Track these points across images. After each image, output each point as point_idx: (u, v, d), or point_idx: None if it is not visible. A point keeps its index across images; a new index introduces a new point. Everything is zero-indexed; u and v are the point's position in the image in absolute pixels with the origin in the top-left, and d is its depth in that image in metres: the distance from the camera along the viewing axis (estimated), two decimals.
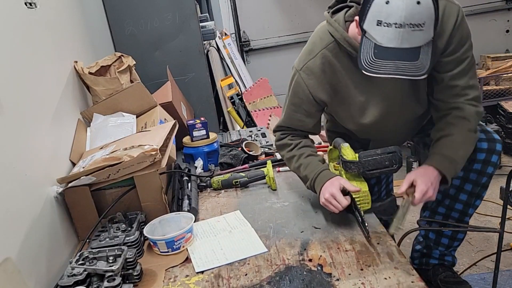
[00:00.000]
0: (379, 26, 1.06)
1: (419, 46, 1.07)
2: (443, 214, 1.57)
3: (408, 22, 1.03)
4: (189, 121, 2.01)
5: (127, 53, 2.47)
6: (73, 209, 1.49)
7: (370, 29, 1.09)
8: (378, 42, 1.09)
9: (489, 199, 2.72)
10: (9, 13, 1.36)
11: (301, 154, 1.42)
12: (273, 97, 3.18)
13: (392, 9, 1.03)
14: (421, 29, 1.05)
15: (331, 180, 1.32)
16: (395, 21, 1.04)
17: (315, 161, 1.39)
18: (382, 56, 1.09)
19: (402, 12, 1.02)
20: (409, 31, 1.04)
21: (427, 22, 1.05)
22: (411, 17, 1.03)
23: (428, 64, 1.09)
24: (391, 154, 1.36)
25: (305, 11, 4.08)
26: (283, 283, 1.13)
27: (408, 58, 1.08)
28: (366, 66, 1.12)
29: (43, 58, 1.54)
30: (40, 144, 1.40)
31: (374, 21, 1.07)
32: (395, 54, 1.08)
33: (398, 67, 1.08)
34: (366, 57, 1.11)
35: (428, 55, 1.09)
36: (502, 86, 3.47)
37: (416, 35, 1.05)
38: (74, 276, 1.13)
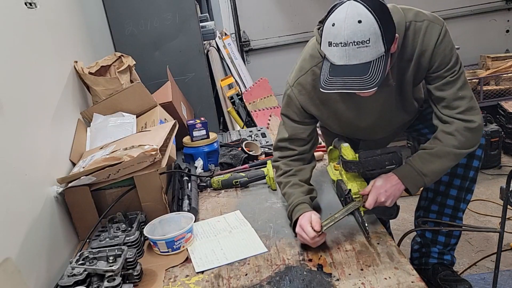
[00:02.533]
0: (330, 47, 1.15)
1: (368, 62, 1.13)
2: (436, 211, 1.60)
3: (351, 41, 1.10)
4: (189, 121, 2.01)
5: (127, 53, 2.47)
6: (73, 209, 1.49)
7: (325, 50, 1.18)
8: (331, 61, 1.17)
9: (489, 199, 2.72)
10: (9, 13, 1.36)
11: (287, 182, 1.43)
12: (273, 97, 3.18)
13: (337, 30, 1.11)
14: (367, 45, 1.11)
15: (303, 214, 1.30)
16: (340, 41, 1.11)
17: (297, 192, 1.39)
18: (334, 74, 1.16)
19: (344, 32, 1.10)
20: (354, 48, 1.11)
21: (372, 38, 1.10)
22: (353, 35, 1.10)
23: (379, 77, 1.13)
24: (391, 154, 1.36)
25: (305, 11, 4.08)
26: (283, 283, 1.13)
27: (356, 73, 1.14)
28: (323, 84, 1.19)
29: (43, 58, 1.54)
30: (40, 144, 1.40)
31: (326, 42, 1.16)
32: (345, 71, 1.14)
33: (346, 82, 1.14)
34: (324, 76, 1.19)
35: (380, 68, 1.14)
36: (502, 86, 3.47)
37: (362, 51, 1.11)
38: (74, 276, 1.13)
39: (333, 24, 1.12)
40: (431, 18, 1.29)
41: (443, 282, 1.59)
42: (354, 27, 1.09)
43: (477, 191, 2.84)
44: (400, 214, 1.42)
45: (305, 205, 1.34)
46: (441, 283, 1.59)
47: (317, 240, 1.23)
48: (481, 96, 3.40)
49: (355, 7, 1.10)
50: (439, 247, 1.66)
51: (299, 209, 1.33)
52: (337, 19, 1.12)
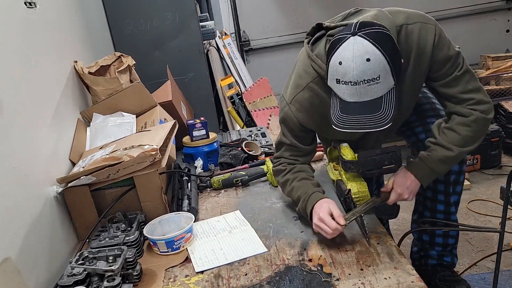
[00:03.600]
0: (339, 84, 1.13)
1: (380, 97, 1.12)
2: (429, 217, 1.61)
3: (361, 79, 1.09)
4: (189, 121, 2.01)
5: (127, 53, 2.47)
6: (73, 209, 1.49)
7: (333, 86, 1.16)
8: (342, 97, 1.15)
9: (489, 199, 2.72)
10: (9, 12, 1.35)
11: (294, 177, 1.43)
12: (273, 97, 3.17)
13: (345, 69, 1.09)
14: (377, 82, 1.09)
15: (320, 202, 1.30)
16: (350, 80, 1.09)
17: (307, 184, 1.39)
18: (346, 111, 1.15)
19: (354, 71, 1.08)
20: (365, 86, 1.10)
21: (382, 74, 1.09)
22: (363, 74, 1.08)
23: (392, 112, 1.13)
24: (391, 154, 1.36)
25: (305, 11, 4.08)
26: (283, 283, 1.13)
27: (370, 111, 1.13)
28: (335, 121, 1.18)
29: (43, 58, 1.54)
30: (40, 144, 1.40)
31: (334, 79, 1.14)
32: (357, 108, 1.13)
33: (360, 121, 1.13)
34: (335, 112, 1.18)
35: (392, 102, 1.13)
36: (502, 86, 3.46)
37: (373, 88, 1.10)
38: (74, 276, 1.13)
39: (339, 62, 1.10)
40: (422, 19, 1.27)
41: (442, 283, 1.59)
42: (363, 66, 1.07)
43: (477, 191, 2.84)
44: (400, 214, 1.42)
45: (320, 194, 1.34)
46: (440, 283, 1.59)
47: (336, 233, 1.23)
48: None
49: (361, 44, 1.07)
50: (438, 249, 1.65)
51: (313, 197, 1.32)
52: (344, 58, 1.09)
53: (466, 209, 2.63)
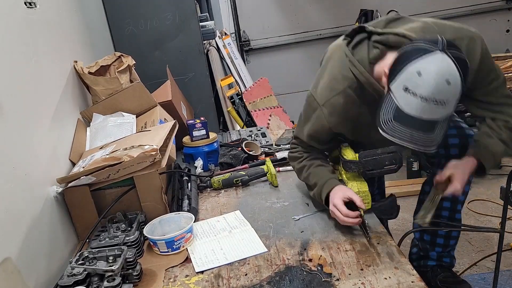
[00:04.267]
0: (405, 93, 1.09)
1: (437, 120, 1.11)
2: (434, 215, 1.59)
3: (433, 98, 1.06)
4: (189, 121, 2.01)
5: (127, 53, 2.46)
6: (73, 209, 1.49)
7: (396, 92, 1.12)
8: (400, 106, 1.11)
9: (489, 199, 2.72)
10: (9, 12, 1.35)
11: (311, 164, 1.45)
12: (273, 97, 3.18)
13: (422, 82, 1.06)
14: (444, 106, 1.07)
15: (335, 189, 1.32)
16: (421, 94, 1.06)
17: (324, 170, 1.40)
18: (400, 121, 1.12)
19: (430, 88, 1.05)
20: (432, 105, 1.07)
21: (451, 100, 1.08)
22: (438, 94, 1.06)
23: (441, 137, 1.12)
24: (391, 154, 1.36)
25: (305, 11, 4.08)
26: (283, 283, 1.13)
27: (424, 129, 1.11)
28: (383, 126, 1.15)
29: (43, 57, 1.54)
30: (39, 144, 1.40)
31: (402, 85, 1.10)
32: (413, 123, 1.10)
33: (413, 136, 1.11)
34: (386, 116, 1.15)
35: (443, 128, 1.12)
36: None
37: (437, 110, 1.08)
38: (74, 276, 1.13)
39: (419, 73, 1.07)
40: (468, 33, 1.27)
41: (443, 284, 1.58)
42: (442, 87, 1.05)
43: (477, 191, 2.84)
44: (400, 214, 1.42)
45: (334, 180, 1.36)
46: (441, 284, 1.58)
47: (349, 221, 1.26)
48: None
49: (447, 64, 1.05)
50: (438, 250, 1.65)
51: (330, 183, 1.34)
52: (425, 70, 1.06)
53: (466, 209, 2.63)
